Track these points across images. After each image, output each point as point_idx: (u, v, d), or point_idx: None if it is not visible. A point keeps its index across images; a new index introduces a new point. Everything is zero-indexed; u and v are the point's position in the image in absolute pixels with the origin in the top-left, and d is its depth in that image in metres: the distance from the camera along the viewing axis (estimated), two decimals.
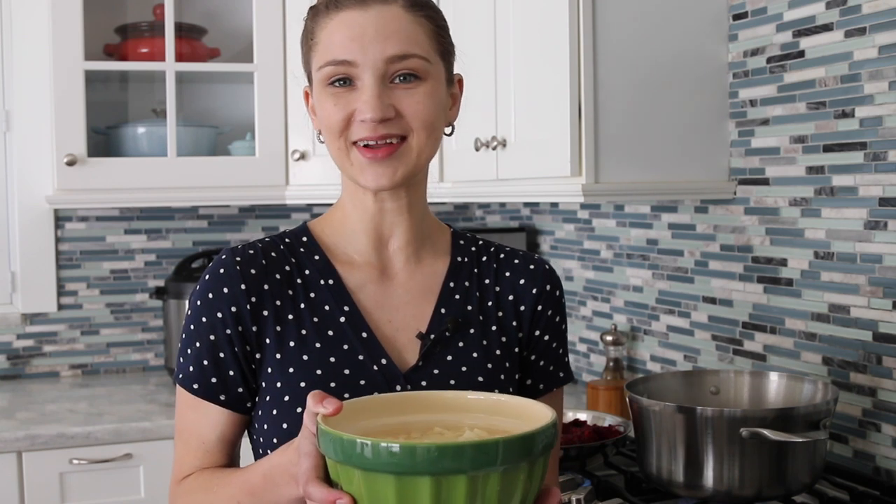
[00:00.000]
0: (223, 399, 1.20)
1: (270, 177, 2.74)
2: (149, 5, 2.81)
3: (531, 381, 1.28)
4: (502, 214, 3.14)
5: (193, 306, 1.22)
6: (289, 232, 1.28)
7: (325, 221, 1.28)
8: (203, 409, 1.20)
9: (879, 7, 1.70)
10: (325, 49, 1.15)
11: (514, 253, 1.32)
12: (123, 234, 3.00)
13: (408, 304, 1.24)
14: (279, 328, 1.20)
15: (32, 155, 2.84)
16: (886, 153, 1.71)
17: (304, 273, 1.23)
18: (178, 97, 2.73)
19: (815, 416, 1.52)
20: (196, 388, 1.20)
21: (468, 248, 1.30)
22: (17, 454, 2.29)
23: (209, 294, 1.20)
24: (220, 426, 1.21)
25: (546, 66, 2.02)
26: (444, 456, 0.88)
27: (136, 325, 3.02)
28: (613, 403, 2.25)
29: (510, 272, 1.29)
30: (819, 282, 1.86)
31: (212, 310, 1.19)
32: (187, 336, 1.22)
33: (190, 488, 1.20)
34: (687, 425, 1.54)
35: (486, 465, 0.89)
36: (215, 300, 1.20)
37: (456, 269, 1.27)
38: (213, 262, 1.23)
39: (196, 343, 1.20)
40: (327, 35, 1.15)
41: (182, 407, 1.23)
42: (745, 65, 2.02)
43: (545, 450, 0.94)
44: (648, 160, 2.00)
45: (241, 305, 1.19)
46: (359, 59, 1.13)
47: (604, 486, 1.72)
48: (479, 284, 1.27)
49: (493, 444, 0.89)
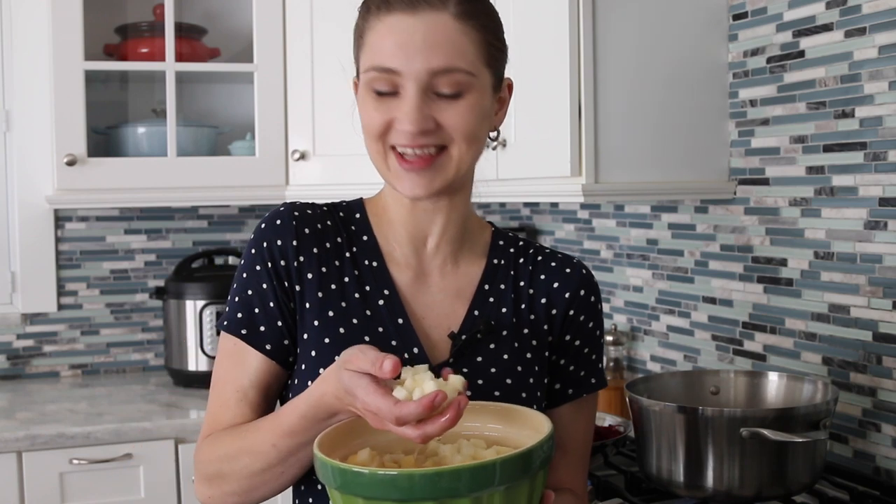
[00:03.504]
0: (269, 349, 1.19)
1: (270, 177, 2.74)
2: (149, 5, 2.81)
3: (560, 385, 1.26)
4: (502, 214, 3.14)
5: (247, 254, 1.22)
6: (345, 204, 1.28)
7: (376, 206, 1.27)
8: (247, 357, 1.19)
9: (879, 7, 1.70)
10: (373, 53, 1.13)
11: (552, 255, 1.30)
12: (123, 234, 3.00)
13: (441, 304, 1.23)
14: (321, 294, 1.20)
15: (32, 155, 2.84)
16: (886, 153, 1.71)
17: (352, 249, 1.23)
18: (178, 97, 2.73)
19: (815, 416, 1.52)
20: (245, 333, 1.19)
21: (507, 250, 1.29)
22: (17, 454, 2.29)
23: (263, 243, 1.20)
24: (263, 375, 1.20)
25: (546, 67, 2.02)
26: (442, 480, 0.87)
27: (136, 325, 3.02)
28: (613, 403, 2.25)
29: (545, 275, 1.27)
30: (819, 282, 1.86)
31: (264, 259, 1.20)
32: (239, 284, 1.21)
33: (218, 437, 1.18)
34: (687, 425, 1.53)
35: (486, 487, 0.89)
36: (268, 249, 1.20)
37: (492, 272, 1.27)
38: (271, 212, 1.23)
39: (248, 290, 1.20)
40: (377, 38, 1.13)
41: (224, 357, 1.21)
42: (745, 65, 2.02)
43: (543, 463, 0.93)
44: (648, 160, 2.00)
45: (290, 261, 1.20)
46: (403, 68, 1.11)
47: (604, 486, 1.72)
48: (515, 287, 1.26)
49: (491, 465, 0.88)
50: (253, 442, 1.14)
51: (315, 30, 2.68)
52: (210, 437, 1.20)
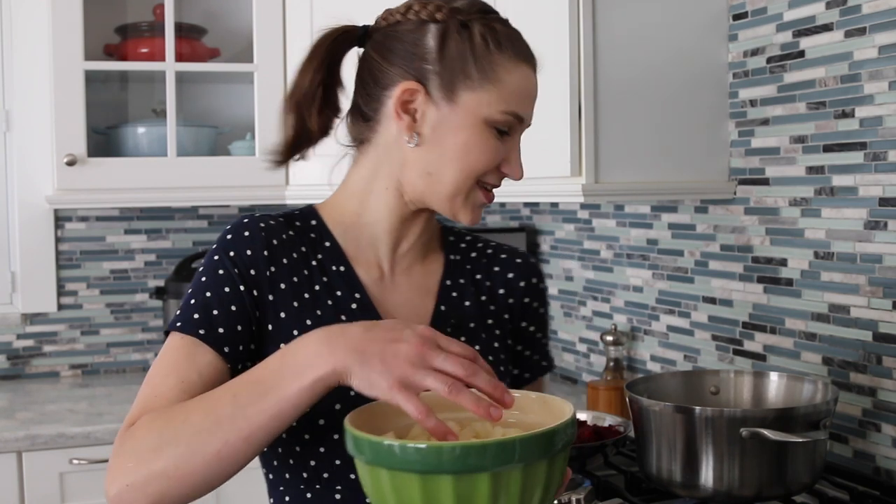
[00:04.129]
0: (227, 351, 1.15)
1: (270, 177, 2.73)
2: (149, 5, 2.81)
3: (518, 370, 1.33)
4: (502, 214, 3.14)
5: (209, 260, 1.19)
6: (296, 214, 1.27)
7: (334, 211, 1.28)
8: (199, 355, 1.13)
9: (879, 7, 1.70)
10: (510, 96, 1.18)
11: (499, 247, 1.35)
12: (123, 234, 3.00)
13: (410, 302, 1.26)
14: (296, 304, 1.20)
15: (32, 155, 2.84)
16: (886, 153, 1.71)
17: (317, 256, 1.23)
18: (178, 97, 2.73)
19: (815, 416, 1.52)
20: (202, 333, 1.14)
21: (458, 245, 1.34)
22: (16, 454, 2.29)
23: (230, 252, 1.18)
24: (213, 375, 1.13)
25: (546, 66, 2.02)
26: (467, 455, 0.91)
27: (136, 325, 3.02)
28: (613, 403, 2.25)
29: (498, 267, 1.33)
30: (819, 282, 1.86)
31: (231, 265, 1.18)
32: (196, 287, 1.18)
33: (152, 416, 1.07)
34: (687, 425, 1.53)
35: (507, 463, 0.92)
36: (237, 258, 1.18)
37: (451, 267, 1.31)
38: (235, 223, 1.21)
39: (207, 293, 1.17)
40: (514, 82, 1.19)
41: (168, 354, 1.14)
42: (745, 65, 2.02)
43: (564, 446, 0.98)
44: (648, 160, 2.00)
45: (261, 271, 1.18)
46: (526, 120, 1.22)
47: (604, 486, 1.72)
48: (473, 280, 1.31)
49: (512, 442, 0.92)
50: (209, 397, 1.06)
51: (315, 30, 2.66)
52: (146, 416, 1.07)
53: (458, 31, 1.17)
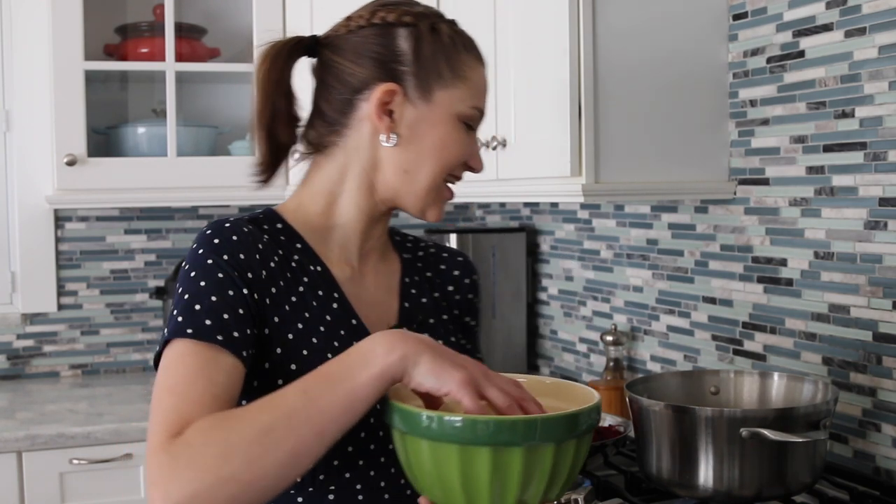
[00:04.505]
0: (244, 355, 1.11)
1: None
2: (149, 5, 2.81)
3: None
4: (502, 214, 3.14)
5: (201, 264, 1.14)
6: (259, 217, 1.26)
7: (298, 214, 1.28)
8: (221, 360, 1.08)
9: (879, 7, 1.70)
10: (475, 92, 1.26)
11: (439, 247, 1.42)
12: (123, 234, 3.00)
13: (378, 300, 1.29)
14: (288, 308, 1.19)
15: (32, 155, 2.84)
16: (886, 153, 1.71)
17: (293, 257, 1.23)
18: (178, 97, 2.73)
19: (815, 416, 1.51)
20: (221, 339, 1.08)
21: (405, 245, 1.40)
22: (16, 454, 2.29)
23: (224, 255, 1.14)
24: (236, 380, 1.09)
25: (546, 66, 2.02)
26: (500, 430, 0.98)
27: (136, 326, 3.02)
28: (613, 403, 2.25)
29: (444, 265, 1.39)
30: (819, 282, 1.86)
31: (229, 268, 1.14)
32: (196, 292, 1.11)
33: (207, 422, 1.01)
34: (687, 425, 1.53)
35: (536, 439, 1.00)
36: (232, 261, 1.14)
37: (407, 265, 1.36)
38: (216, 227, 1.17)
39: (212, 297, 1.11)
40: (476, 79, 1.27)
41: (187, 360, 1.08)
42: (745, 65, 2.02)
43: (589, 429, 1.06)
44: (648, 160, 2.00)
45: (256, 275, 1.16)
46: (484, 114, 1.30)
47: (604, 486, 1.72)
48: (426, 279, 1.36)
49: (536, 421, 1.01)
50: (274, 397, 1.02)
51: (315, 29, 2.67)
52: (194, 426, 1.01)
53: (429, 33, 1.22)
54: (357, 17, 1.25)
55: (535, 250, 2.93)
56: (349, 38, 1.24)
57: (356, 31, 1.24)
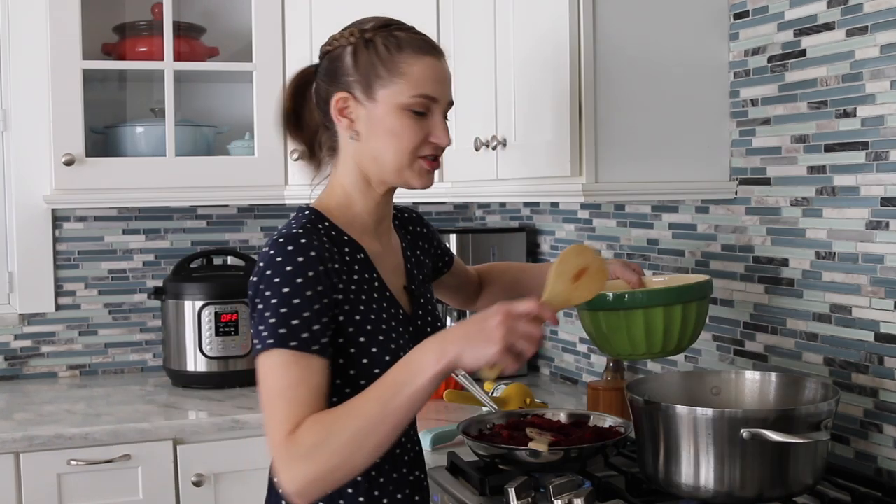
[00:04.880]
0: (329, 354, 1.39)
1: (269, 176, 2.73)
2: (147, 4, 2.81)
3: (441, 263, 1.81)
4: (502, 214, 3.13)
5: (292, 283, 1.35)
6: (307, 220, 1.48)
7: (329, 208, 1.52)
8: (314, 365, 1.35)
9: (881, 6, 1.69)
10: (417, 83, 1.47)
11: (399, 208, 1.72)
12: (122, 234, 2.99)
13: (394, 267, 1.57)
14: (364, 297, 1.46)
15: (30, 154, 2.83)
16: (888, 153, 1.70)
17: (344, 251, 1.47)
18: (176, 97, 2.72)
19: (817, 416, 1.51)
20: (316, 348, 1.35)
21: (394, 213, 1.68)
22: (14, 455, 2.28)
23: (320, 266, 1.38)
24: (326, 379, 1.37)
25: (546, 66, 2.02)
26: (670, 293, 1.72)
27: (134, 326, 3.01)
28: (614, 404, 2.24)
29: (411, 225, 1.72)
30: (820, 282, 1.85)
31: (320, 281, 1.38)
32: (291, 308, 1.34)
33: (312, 423, 1.30)
34: (688, 426, 1.53)
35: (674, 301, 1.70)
36: (323, 274, 1.38)
37: (399, 231, 1.66)
38: (300, 241, 1.39)
39: (304, 313, 1.35)
40: (419, 71, 1.47)
41: (289, 369, 1.33)
42: (746, 64, 2.01)
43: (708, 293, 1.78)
44: (649, 160, 2.00)
45: (335, 283, 1.41)
46: (440, 98, 1.49)
47: (604, 486, 1.71)
48: (408, 241, 1.68)
49: (681, 287, 1.70)
50: (356, 404, 1.31)
51: (314, 29, 2.67)
52: (305, 425, 1.30)
53: (364, 46, 1.48)
54: (326, 45, 1.54)
55: (535, 250, 2.92)
56: (323, 62, 1.54)
57: (322, 58, 1.54)
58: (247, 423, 2.44)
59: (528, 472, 1.74)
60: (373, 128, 1.48)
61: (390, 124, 1.47)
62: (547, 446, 1.71)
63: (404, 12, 1.56)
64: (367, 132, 1.49)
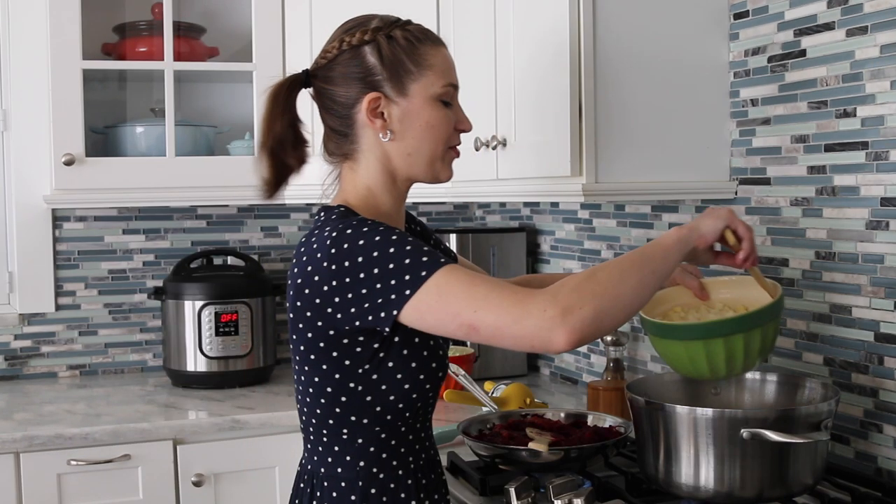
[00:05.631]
0: None
1: None
2: (147, 4, 2.81)
3: None
4: (502, 214, 3.13)
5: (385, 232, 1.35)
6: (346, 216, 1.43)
7: (358, 208, 1.49)
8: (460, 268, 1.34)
9: (881, 6, 1.69)
10: (443, 73, 1.49)
11: None
12: (122, 233, 2.99)
13: None
14: None
15: (30, 154, 2.83)
16: (888, 153, 1.70)
17: None
18: (176, 96, 2.72)
19: (817, 416, 1.51)
20: (444, 261, 1.33)
21: None
22: (14, 455, 2.28)
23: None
24: None
25: (546, 66, 2.02)
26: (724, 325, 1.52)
27: (134, 326, 3.01)
28: (614, 404, 2.24)
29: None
30: (820, 282, 1.85)
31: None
32: (414, 244, 1.33)
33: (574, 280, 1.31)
34: (688, 426, 1.53)
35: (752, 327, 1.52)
36: None
37: None
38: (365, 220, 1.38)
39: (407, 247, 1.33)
40: (441, 62, 1.49)
41: (457, 275, 1.31)
42: (746, 64, 2.01)
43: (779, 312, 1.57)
44: (649, 160, 2.00)
45: None
46: (458, 86, 1.53)
47: (604, 487, 1.71)
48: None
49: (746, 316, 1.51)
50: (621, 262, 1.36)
51: (314, 28, 2.67)
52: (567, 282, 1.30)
53: (387, 42, 1.47)
54: (330, 49, 1.49)
55: (535, 250, 2.92)
56: (332, 67, 1.49)
57: (334, 60, 1.49)
58: (247, 423, 2.44)
59: (528, 472, 1.74)
60: (408, 123, 1.47)
61: (427, 117, 1.48)
62: (547, 446, 1.71)
63: (404, 12, 1.55)
64: (402, 129, 1.48)
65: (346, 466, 1.46)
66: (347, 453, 1.46)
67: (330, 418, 1.45)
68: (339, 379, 1.42)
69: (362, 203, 1.50)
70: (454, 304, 1.30)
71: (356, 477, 1.45)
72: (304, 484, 1.51)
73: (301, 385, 1.49)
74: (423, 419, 1.52)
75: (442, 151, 1.50)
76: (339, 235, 1.35)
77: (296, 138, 1.51)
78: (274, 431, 2.46)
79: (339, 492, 1.46)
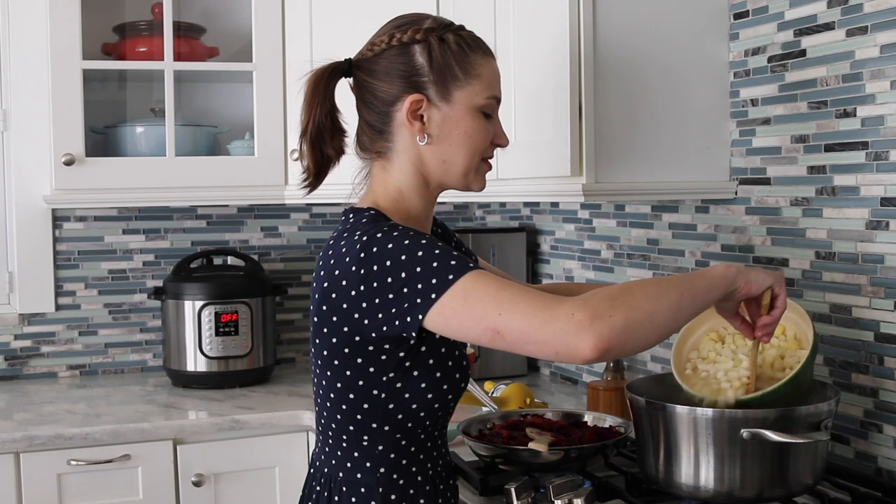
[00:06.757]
0: None
1: (269, 176, 2.73)
2: (147, 4, 2.80)
3: None
4: (502, 214, 3.13)
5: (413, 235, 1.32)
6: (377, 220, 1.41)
7: (388, 210, 1.47)
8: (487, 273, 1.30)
9: (881, 6, 1.69)
10: (489, 84, 1.47)
11: None
12: (122, 234, 2.99)
13: None
14: None
15: (30, 154, 2.83)
16: (888, 153, 1.70)
17: None
18: (176, 96, 2.72)
19: (817, 416, 1.51)
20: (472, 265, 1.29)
21: None
22: (14, 455, 2.28)
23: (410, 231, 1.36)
24: None
25: (546, 66, 2.01)
26: None
27: (134, 326, 3.01)
28: (614, 404, 2.24)
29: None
30: (820, 282, 1.85)
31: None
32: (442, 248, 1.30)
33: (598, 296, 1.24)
34: (688, 426, 1.53)
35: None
36: None
37: None
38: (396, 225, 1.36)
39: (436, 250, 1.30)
40: (489, 73, 1.47)
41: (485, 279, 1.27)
42: (746, 64, 2.01)
43: None
44: (649, 160, 2.00)
45: None
46: (501, 99, 1.51)
47: (604, 487, 1.71)
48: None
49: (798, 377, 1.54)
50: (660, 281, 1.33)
51: (314, 28, 2.67)
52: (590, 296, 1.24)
53: (438, 45, 1.44)
54: (378, 42, 1.46)
55: (535, 250, 2.92)
56: (377, 61, 1.46)
57: (380, 54, 1.45)
58: (247, 423, 2.44)
59: (528, 472, 1.74)
60: (447, 130, 1.45)
61: (466, 126, 1.46)
62: (547, 446, 1.71)
63: (404, 12, 1.55)
64: (440, 135, 1.45)
65: (366, 472, 1.44)
66: (367, 459, 1.44)
67: (350, 424, 1.43)
68: (362, 386, 1.40)
69: (392, 205, 1.48)
70: (480, 309, 1.25)
71: (376, 483, 1.44)
72: (321, 487, 1.49)
73: (322, 389, 1.46)
74: (441, 427, 1.52)
75: (476, 163, 1.49)
76: (369, 240, 1.32)
77: (334, 127, 1.47)
78: (274, 431, 2.46)
79: (358, 497, 1.44)
